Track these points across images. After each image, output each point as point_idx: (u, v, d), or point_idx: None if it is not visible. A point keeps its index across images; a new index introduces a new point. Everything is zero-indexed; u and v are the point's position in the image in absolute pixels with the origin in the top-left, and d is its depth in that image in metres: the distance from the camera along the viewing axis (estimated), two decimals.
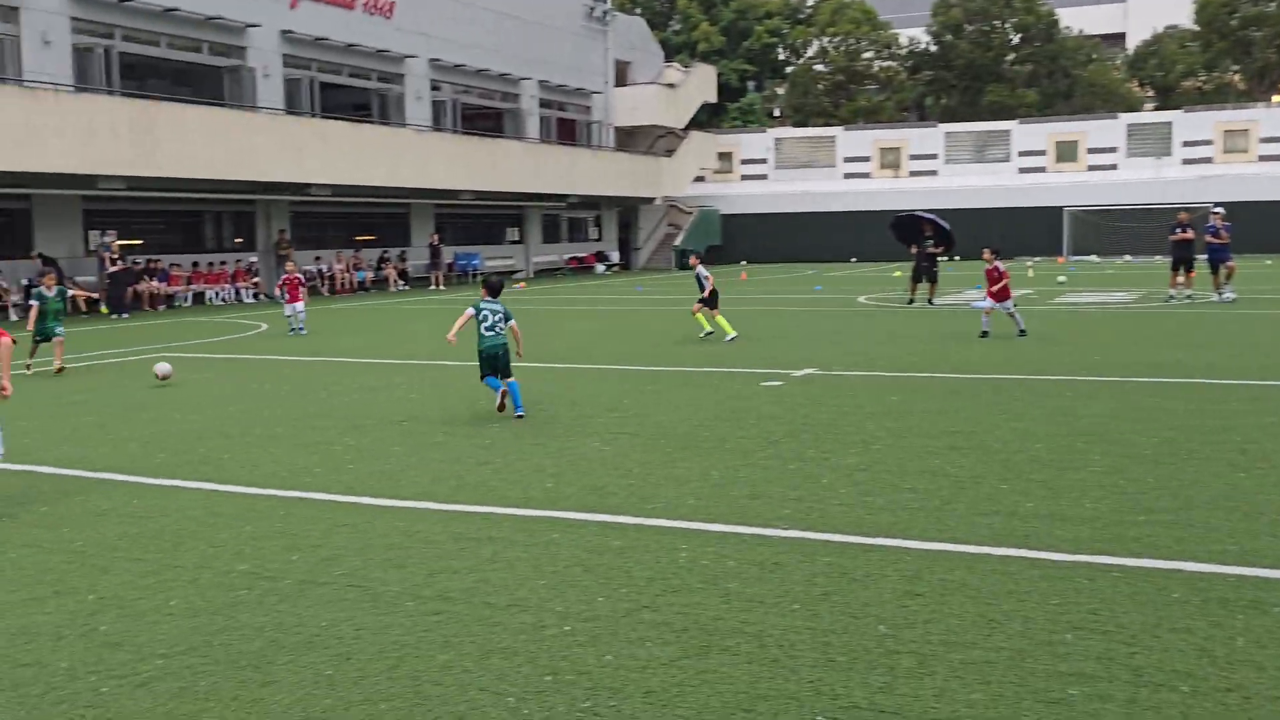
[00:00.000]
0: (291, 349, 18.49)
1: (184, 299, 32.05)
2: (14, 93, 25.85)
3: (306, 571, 6.07)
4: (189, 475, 8.64)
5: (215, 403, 12.54)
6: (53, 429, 10.96)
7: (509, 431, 10.24)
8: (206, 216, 35.42)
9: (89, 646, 4.99)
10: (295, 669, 4.67)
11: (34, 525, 7.21)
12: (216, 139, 30.08)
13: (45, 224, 29.47)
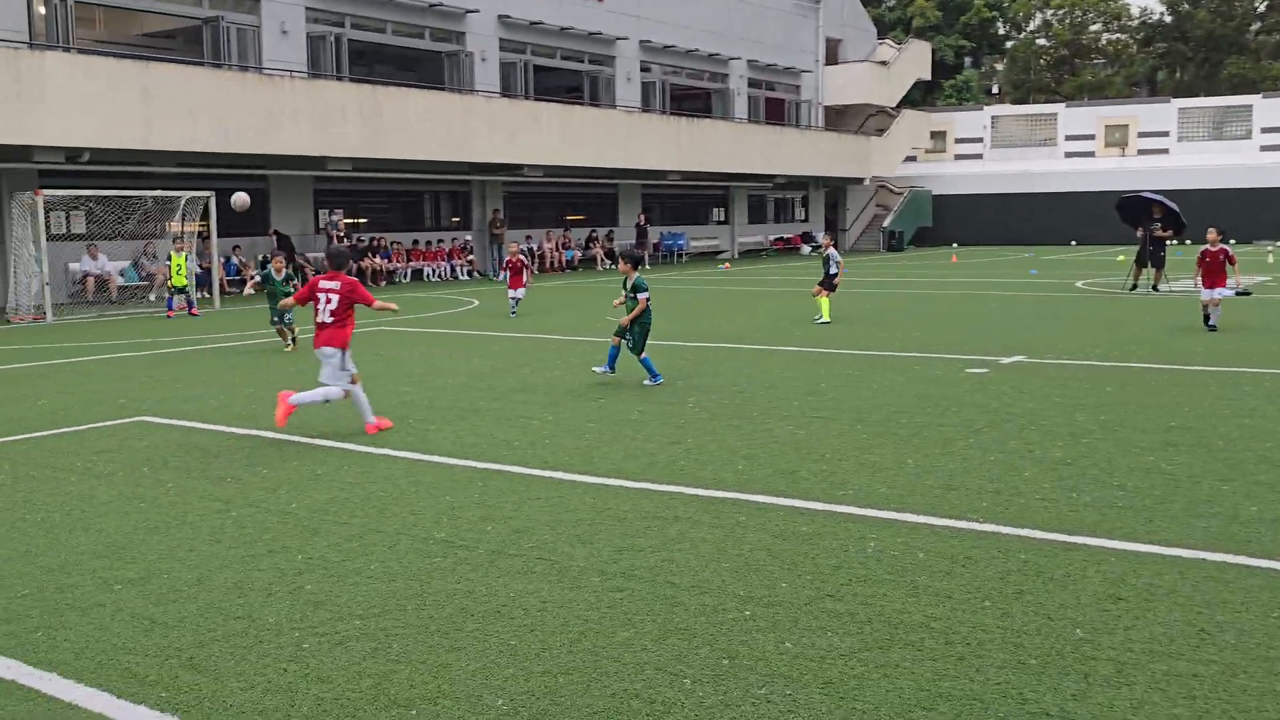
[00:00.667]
0: (501, 325, 19.06)
1: (403, 275, 33.48)
2: (255, 80, 27.52)
3: (498, 542, 6.24)
4: (397, 444, 9.02)
5: (427, 375, 13.04)
6: (272, 397, 11.62)
7: (704, 412, 10.26)
8: (425, 196, 36.85)
9: (294, 604, 5.28)
10: (481, 637, 4.81)
11: (256, 487, 7.67)
12: (436, 122, 31.24)
13: (281, 204, 31.29)
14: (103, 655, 4.67)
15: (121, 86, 24.57)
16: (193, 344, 17.12)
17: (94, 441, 9.42)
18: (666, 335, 16.88)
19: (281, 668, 4.51)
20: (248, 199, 15.94)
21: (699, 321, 19.02)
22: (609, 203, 42.47)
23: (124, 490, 7.63)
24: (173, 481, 7.87)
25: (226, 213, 27.00)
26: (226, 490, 7.59)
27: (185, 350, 16.33)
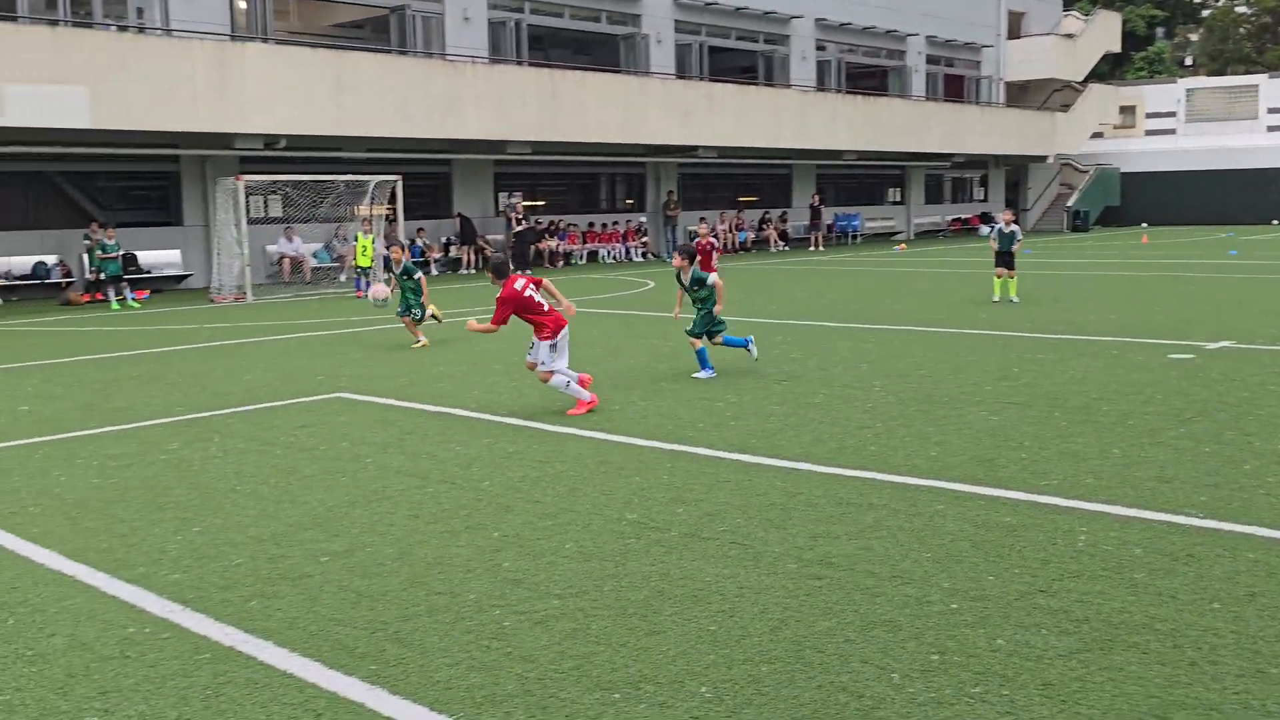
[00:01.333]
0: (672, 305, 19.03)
1: (579, 257, 33.90)
2: (439, 66, 28.23)
3: (691, 525, 6.18)
4: (583, 424, 9.07)
5: (607, 357, 13.12)
6: (469, 376, 11.88)
7: (891, 396, 10.00)
8: (601, 178, 37.19)
9: (493, 582, 5.33)
10: (680, 621, 4.76)
11: (451, 464, 7.83)
12: (612, 104, 31.46)
13: (463, 187, 32.06)
14: (314, 626, 4.81)
15: (316, 75, 25.55)
16: (380, 323, 17.67)
17: (296, 416, 9.79)
18: (845, 317, 16.57)
19: (485, 645, 4.55)
20: (388, 293, 15.94)
21: (877, 304, 18.61)
22: (783, 183, 42.04)
23: (326, 465, 7.89)
24: (371, 457, 8.10)
25: (413, 195, 27.83)
26: (423, 466, 7.76)
27: (374, 329, 16.87)
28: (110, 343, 16.01)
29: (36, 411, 10.38)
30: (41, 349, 15.47)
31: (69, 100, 22.07)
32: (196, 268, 26.67)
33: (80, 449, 8.64)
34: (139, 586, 5.36)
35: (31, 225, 25.01)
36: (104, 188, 26.42)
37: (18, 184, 25.08)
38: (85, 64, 22.23)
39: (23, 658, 4.53)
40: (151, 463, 8.09)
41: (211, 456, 8.26)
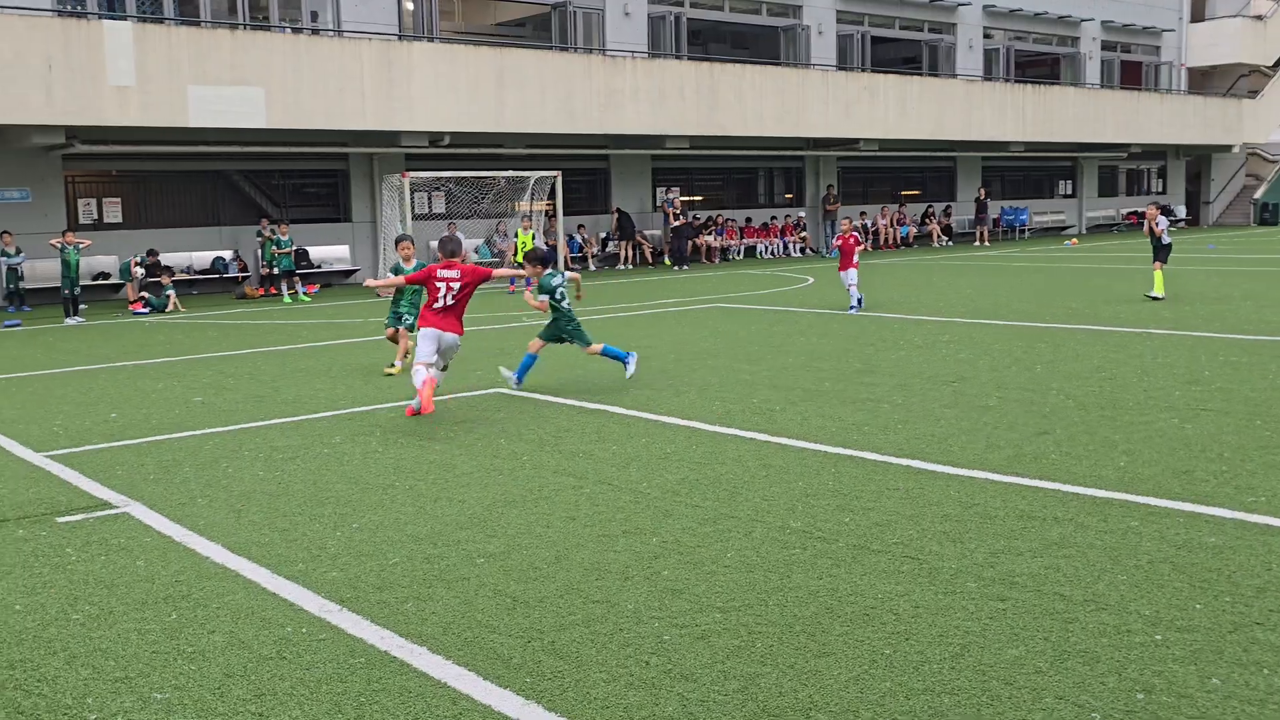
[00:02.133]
0: (835, 303, 18.57)
1: (737, 252, 33.56)
2: (599, 62, 28.29)
3: (859, 536, 5.85)
4: (742, 425, 8.79)
5: (766, 354, 12.80)
6: (623, 372, 11.71)
7: (1070, 400, 9.41)
8: (760, 173, 36.75)
9: (652, 591, 5.11)
10: (851, 642, 4.45)
11: (608, 464, 7.65)
12: (771, 97, 31.02)
13: (621, 181, 32.10)
14: (469, 632, 4.67)
15: (478, 72, 25.91)
16: (538, 318, 17.71)
17: (455, 411, 9.79)
18: (1015, 315, 15.84)
19: (644, 660, 4.32)
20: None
21: (1049, 301, 17.75)
22: (946, 176, 40.82)
23: (483, 462, 7.82)
24: (528, 455, 8.00)
25: (572, 191, 27.97)
26: (580, 465, 7.61)
27: (531, 325, 16.92)
28: (281, 335, 16.46)
29: (210, 403, 10.66)
30: (218, 341, 16.01)
31: (247, 101, 22.89)
32: (363, 263, 27.36)
33: (248, 440, 8.80)
34: (298, 584, 5.32)
35: (211, 222, 26.06)
36: (278, 185, 27.34)
37: (199, 182, 26.17)
38: (262, 66, 23.02)
39: (184, 654, 4.51)
40: (315, 456, 8.16)
41: (372, 451, 8.29)
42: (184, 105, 22.18)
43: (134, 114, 21.72)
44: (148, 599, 5.17)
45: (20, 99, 20.51)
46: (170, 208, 25.72)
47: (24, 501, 7.05)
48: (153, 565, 5.68)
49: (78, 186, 24.62)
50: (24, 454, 8.52)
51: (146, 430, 9.35)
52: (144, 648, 4.59)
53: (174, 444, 8.75)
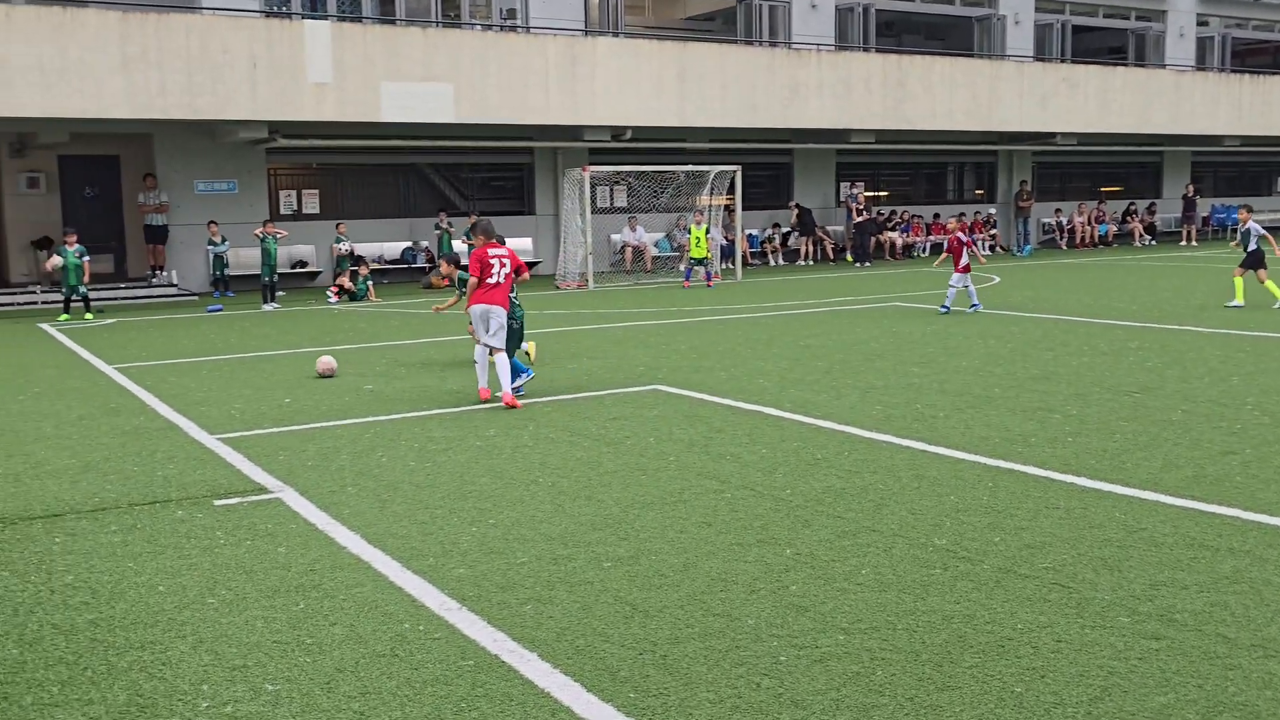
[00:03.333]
0: (1020, 304, 17.77)
1: (922, 249, 32.64)
2: (783, 55, 27.93)
3: (1007, 558, 5.49)
4: (900, 431, 8.45)
5: (938, 357, 12.32)
6: (789, 374, 11.48)
7: (1266, 416, 8.68)
8: (948, 168, 35.63)
9: (776, 606, 4.91)
10: (980, 677, 4.15)
11: (755, 468, 7.46)
12: (962, 90, 30.01)
13: (803, 176, 31.64)
14: (582, 640, 4.57)
15: (660, 67, 25.95)
16: (711, 314, 17.60)
17: (611, 408, 9.76)
18: (1218, 322, 14.80)
19: (755, 682, 4.14)
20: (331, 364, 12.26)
21: (1256, 306, 16.52)
22: (1150, 172, 38.66)
23: (629, 460, 7.74)
24: (675, 455, 7.88)
25: (753, 185, 27.72)
26: (725, 469, 7.45)
27: (703, 320, 16.81)
28: (458, 326, 16.83)
29: (378, 391, 10.95)
30: (399, 330, 16.50)
31: (437, 97, 23.55)
32: (545, 255, 27.80)
33: (406, 430, 8.97)
34: (425, 579, 5.35)
35: (401, 214, 26.95)
36: (466, 178, 28.05)
37: (390, 175, 27.09)
38: (451, 62, 23.64)
39: (302, 645, 4.57)
40: (466, 448, 8.24)
41: (522, 445, 8.32)
42: (377, 101, 22.97)
43: (330, 109, 22.63)
44: (280, 587, 5.29)
45: (228, 96, 21.63)
46: (364, 200, 26.71)
47: (189, 483, 7.36)
48: (292, 553, 5.81)
49: (279, 179, 25.83)
50: (199, 436, 8.91)
51: (315, 416, 9.66)
52: (267, 636, 4.68)
53: (337, 431, 9.01)
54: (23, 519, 6.58)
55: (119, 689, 4.19)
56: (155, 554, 5.84)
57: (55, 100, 20.20)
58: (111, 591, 5.27)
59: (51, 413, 10.11)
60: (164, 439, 8.81)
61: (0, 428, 9.47)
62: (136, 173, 24.29)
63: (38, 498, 7.02)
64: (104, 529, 6.32)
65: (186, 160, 24.05)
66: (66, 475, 7.64)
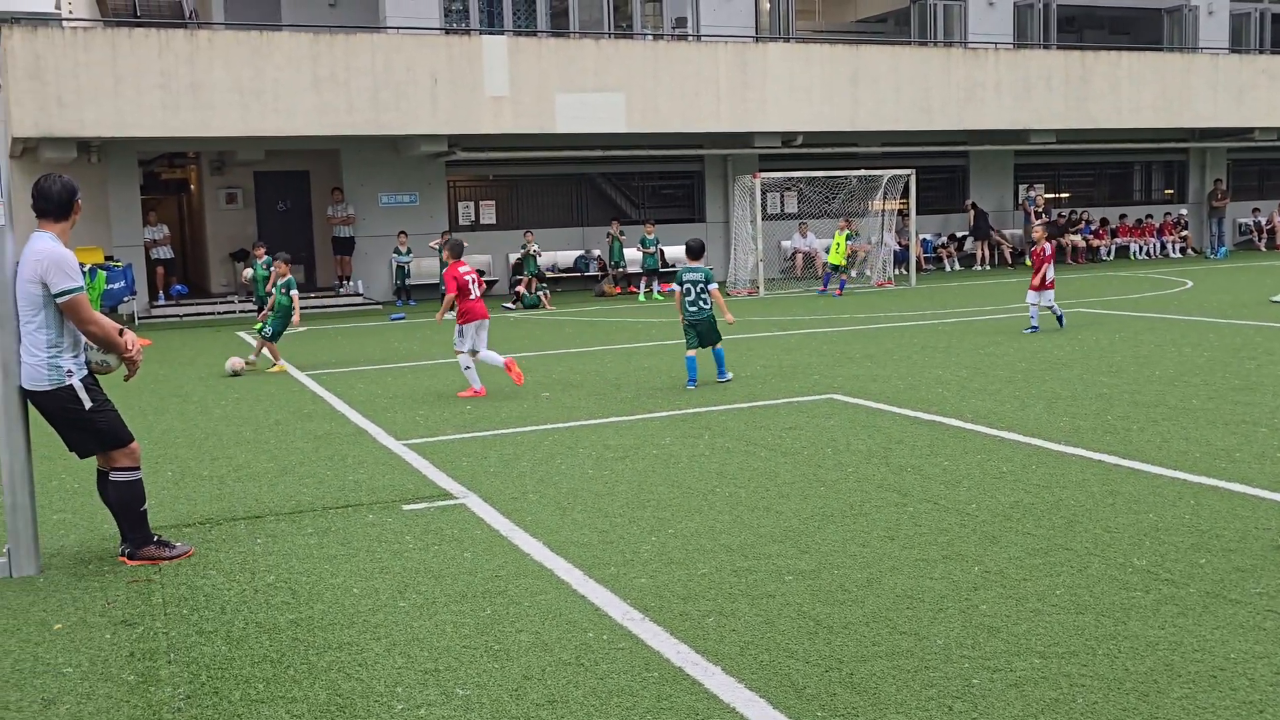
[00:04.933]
0: (1216, 309, 16.86)
1: (1108, 252, 31.35)
2: (958, 55, 27.26)
3: (1215, 582, 5.19)
4: (1091, 444, 8.10)
5: (1130, 365, 11.79)
6: (970, 383, 11.17)
7: None
8: (1135, 167, 34.13)
9: (966, 626, 4.76)
10: (1190, 708, 3.92)
11: (937, 480, 7.27)
12: (1150, 85, 28.71)
13: (979, 179, 30.80)
14: (765, 655, 4.53)
15: (833, 71, 25.69)
16: (886, 321, 17.29)
17: (785, 417, 9.67)
18: None
19: (947, 705, 4.01)
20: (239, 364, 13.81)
21: None
22: None
23: (806, 471, 7.65)
24: (853, 466, 7.75)
25: (927, 189, 27.16)
26: (906, 481, 7.28)
27: (877, 327, 16.52)
28: (629, 334, 17.00)
29: (556, 399, 11.13)
30: (572, 337, 16.76)
31: (609, 106, 23.87)
32: (716, 262, 27.80)
33: (585, 438, 9.09)
34: (607, 588, 5.39)
35: (575, 222, 27.39)
36: (638, 187, 28.32)
37: (564, 185, 27.57)
38: (623, 72, 23.92)
39: (490, 652, 4.66)
40: (644, 457, 8.29)
41: (699, 454, 8.32)
42: (552, 112, 23.43)
43: (508, 122, 23.19)
44: (468, 592, 5.41)
45: (411, 111, 22.41)
46: (538, 209, 27.26)
47: (379, 488, 7.62)
48: (478, 558, 5.94)
49: (458, 190, 26.61)
50: (387, 441, 9.23)
51: (496, 423, 9.88)
52: (456, 640, 4.79)
53: (517, 438, 9.19)
54: (227, 520, 6.93)
55: (320, 688, 4.35)
56: (349, 556, 6.05)
57: (252, 120, 21.30)
58: (310, 592, 5.49)
59: (250, 417, 10.63)
60: (354, 444, 9.15)
61: (205, 431, 10.01)
62: (325, 187, 25.39)
63: (240, 500, 7.38)
64: (301, 531, 6.59)
65: (371, 174, 25.01)
66: (265, 478, 8.01)
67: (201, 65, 20.85)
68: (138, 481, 6.08)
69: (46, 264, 5.69)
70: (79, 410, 5.85)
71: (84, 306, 5.82)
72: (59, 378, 5.79)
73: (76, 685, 4.49)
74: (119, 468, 6.03)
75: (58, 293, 5.71)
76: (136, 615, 5.27)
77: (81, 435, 5.97)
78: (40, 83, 20.01)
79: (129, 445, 6.05)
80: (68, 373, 5.81)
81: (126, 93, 20.45)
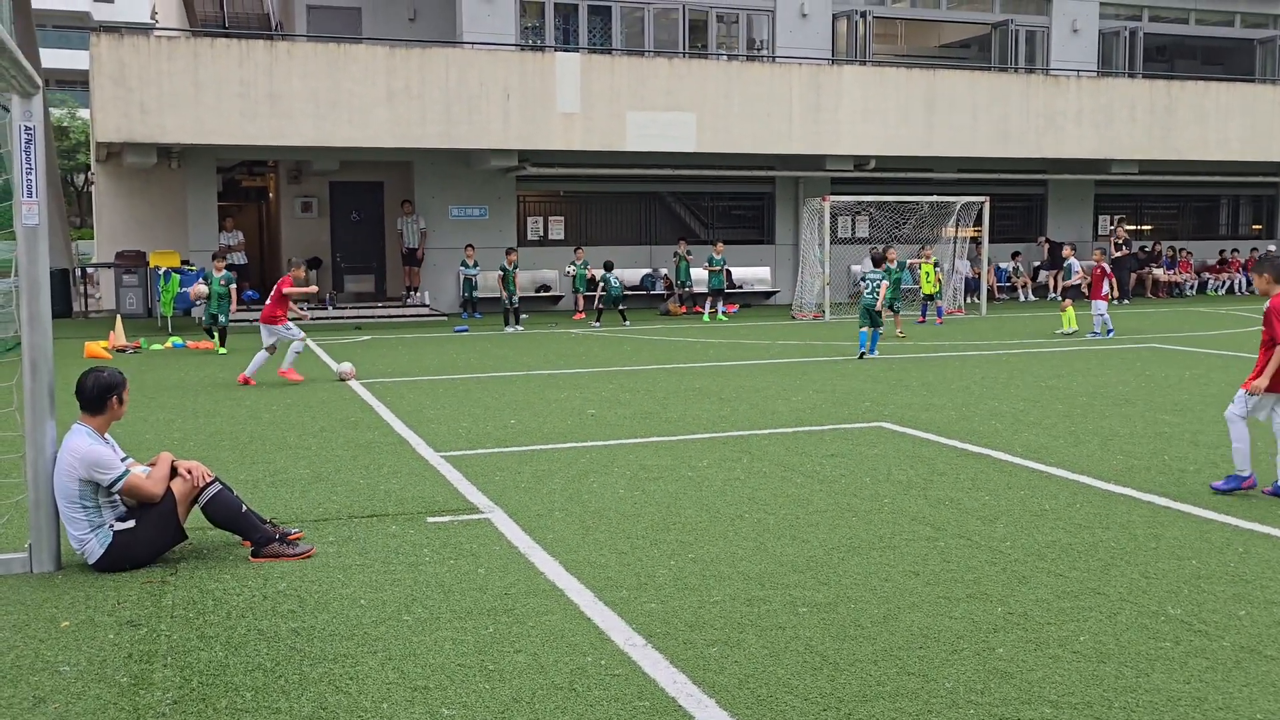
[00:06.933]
0: None
1: (1191, 287, 30.53)
2: (1038, 82, 26.79)
3: (1252, 635, 4.92)
4: (1142, 484, 7.80)
5: (1196, 405, 11.38)
6: (1026, 415, 10.87)
7: None
8: (1221, 201, 33.23)
9: (979, 670, 4.56)
10: None
11: (974, 515, 7.04)
12: (1240, 117, 27.94)
13: (1057, 208, 30.21)
14: (764, 690, 4.37)
15: (907, 95, 25.37)
16: (950, 350, 16.95)
17: (830, 444, 9.48)
18: None
19: None
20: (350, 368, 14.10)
21: None
22: None
23: (840, 500, 7.46)
24: (890, 497, 7.54)
25: (1003, 217, 26.65)
26: (942, 515, 7.06)
27: (940, 356, 16.20)
28: (688, 354, 16.88)
29: (601, 416, 11.05)
30: (631, 356, 16.68)
31: (680, 126, 23.83)
32: (783, 285, 27.60)
33: (621, 457, 8.99)
34: (615, 612, 5.27)
35: (643, 240, 27.37)
36: (707, 207, 28.22)
37: (633, 203, 27.57)
38: (695, 91, 23.88)
39: (484, 671, 4.57)
40: (677, 478, 8.17)
41: (733, 478, 8.17)
42: (622, 130, 23.45)
43: (578, 139, 23.26)
44: (474, 609, 5.33)
45: (483, 126, 22.58)
46: (607, 226, 27.29)
47: (407, 499, 7.58)
48: (491, 574, 5.86)
49: (527, 205, 26.75)
50: (425, 452, 9.21)
51: (537, 438, 9.82)
52: (453, 658, 4.70)
53: (554, 454, 9.12)
54: None
55: (306, 700, 4.30)
56: (364, 567, 6.02)
57: (327, 130, 21.62)
58: (318, 601, 5.45)
59: (297, 423, 10.71)
60: (392, 454, 9.15)
61: (251, 435, 10.10)
62: (399, 198, 25.68)
63: (269, 505, 7.39)
64: (322, 539, 6.57)
65: (443, 187, 25.24)
66: (298, 485, 8.03)
67: (280, 75, 21.23)
68: (220, 493, 6.16)
69: (78, 467, 5.87)
70: (132, 539, 5.98)
71: (137, 488, 5.98)
72: (107, 537, 5.94)
73: (70, 685, 4.49)
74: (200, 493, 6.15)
75: (109, 485, 5.92)
76: (143, 616, 5.28)
77: (154, 535, 6.07)
78: (125, 89, 20.52)
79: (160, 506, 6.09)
80: (110, 528, 5.96)
81: (206, 100, 20.89)
